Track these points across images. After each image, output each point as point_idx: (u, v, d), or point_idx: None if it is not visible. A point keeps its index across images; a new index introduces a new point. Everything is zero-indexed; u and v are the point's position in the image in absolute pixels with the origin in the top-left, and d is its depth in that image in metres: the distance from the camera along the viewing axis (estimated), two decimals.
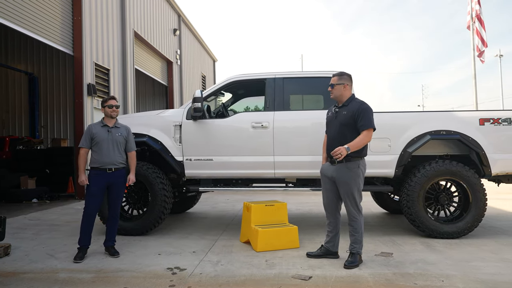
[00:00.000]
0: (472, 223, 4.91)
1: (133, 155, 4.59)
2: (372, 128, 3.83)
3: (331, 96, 4.06)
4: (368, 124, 3.81)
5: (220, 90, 5.55)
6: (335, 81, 3.99)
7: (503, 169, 4.98)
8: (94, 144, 4.30)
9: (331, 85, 4.02)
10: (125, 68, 11.83)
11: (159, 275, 3.66)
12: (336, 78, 4.00)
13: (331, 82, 4.02)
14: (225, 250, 4.53)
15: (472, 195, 4.91)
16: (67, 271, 3.83)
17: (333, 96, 4.03)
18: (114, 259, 4.18)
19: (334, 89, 3.98)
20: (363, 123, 3.80)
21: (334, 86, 3.98)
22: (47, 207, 8.15)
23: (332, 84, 4.01)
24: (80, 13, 9.47)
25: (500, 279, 3.47)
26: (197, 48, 20.95)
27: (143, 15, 13.37)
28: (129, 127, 4.64)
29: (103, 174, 4.27)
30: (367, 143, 3.87)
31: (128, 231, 5.20)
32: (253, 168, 5.16)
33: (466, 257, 4.13)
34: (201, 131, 5.22)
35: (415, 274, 3.61)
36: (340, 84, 3.96)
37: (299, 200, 8.75)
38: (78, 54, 9.47)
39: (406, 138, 4.96)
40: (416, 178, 4.91)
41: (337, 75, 4.02)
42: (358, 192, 3.90)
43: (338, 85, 3.96)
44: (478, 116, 5.00)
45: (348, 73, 4.07)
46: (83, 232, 4.25)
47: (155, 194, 5.13)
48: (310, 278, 3.53)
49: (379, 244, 4.73)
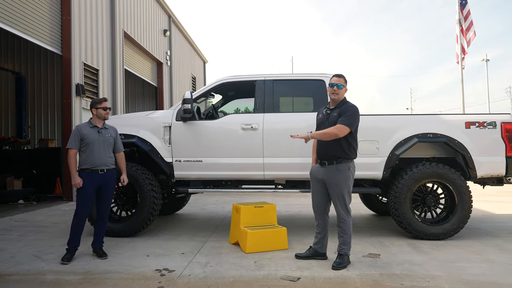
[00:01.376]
0: (458, 225, 4.99)
1: (122, 156, 4.58)
2: (347, 127, 3.80)
3: (332, 96, 3.98)
4: (344, 121, 3.79)
5: (210, 91, 5.56)
6: (342, 82, 3.95)
7: (488, 172, 5.08)
8: (85, 145, 4.25)
9: (337, 85, 3.94)
10: (115, 69, 11.74)
11: (148, 277, 3.64)
12: (341, 79, 3.97)
13: (338, 83, 3.94)
14: (214, 251, 4.53)
15: (458, 197, 4.99)
16: (54, 273, 3.79)
17: (337, 97, 3.95)
18: (102, 261, 4.15)
19: (340, 91, 3.94)
20: (342, 119, 3.82)
21: (341, 86, 3.94)
22: (34, 208, 8.05)
23: (339, 85, 3.94)
24: (69, 12, 9.38)
25: (484, 279, 3.54)
26: (188, 49, 20.90)
27: (133, 16, 13.30)
28: (116, 128, 4.63)
29: (95, 176, 4.24)
30: (334, 137, 3.81)
31: (116, 232, 5.17)
32: (243, 169, 5.18)
33: (451, 258, 4.20)
34: (191, 132, 5.22)
35: (402, 275, 3.66)
36: (344, 87, 3.96)
37: (288, 201, 8.78)
38: (66, 54, 9.37)
39: (394, 140, 5.02)
40: (404, 180, 4.98)
41: (341, 76, 3.99)
42: (348, 194, 3.93)
43: (343, 88, 3.95)
44: (464, 120, 5.09)
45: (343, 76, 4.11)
46: (74, 234, 4.21)
47: (144, 195, 5.11)
48: (299, 279, 3.55)
49: (367, 245, 4.77)
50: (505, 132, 5.01)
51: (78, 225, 4.23)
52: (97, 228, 4.40)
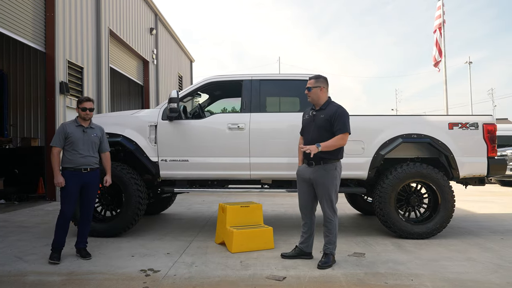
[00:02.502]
0: (441, 224, 5.08)
1: (107, 156, 4.52)
2: (347, 132, 3.89)
3: (309, 99, 4.10)
4: (343, 129, 3.87)
5: (196, 90, 5.54)
6: (312, 84, 4.04)
7: (470, 172, 5.18)
8: (69, 144, 4.18)
9: (307, 88, 4.07)
10: (100, 67, 11.59)
11: (132, 277, 3.61)
12: (312, 81, 4.05)
13: (308, 85, 4.07)
14: (200, 251, 4.51)
15: (441, 197, 5.08)
16: (36, 273, 3.73)
17: (311, 99, 4.07)
18: (86, 261, 4.09)
19: (311, 92, 4.03)
20: (339, 127, 3.87)
21: (311, 89, 4.03)
22: (16, 208, 7.89)
23: (309, 87, 4.05)
24: (53, 9, 9.22)
25: (466, 277, 3.61)
26: (174, 48, 20.76)
27: (119, 13, 13.15)
28: (103, 128, 4.56)
29: (79, 175, 4.18)
30: (341, 146, 3.92)
31: (100, 232, 5.10)
32: (229, 169, 5.17)
33: (434, 257, 4.27)
34: (177, 131, 5.19)
35: (386, 274, 3.70)
36: (316, 87, 4.02)
37: (274, 201, 8.80)
38: (50, 51, 9.21)
39: (379, 141, 5.08)
40: (388, 180, 5.04)
41: (313, 78, 4.08)
42: (334, 193, 3.96)
43: (315, 88, 4.02)
44: (447, 121, 5.18)
45: (324, 76, 4.14)
46: (59, 234, 4.14)
47: (129, 195, 5.05)
48: (284, 279, 3.56)
49: (352, 244, 4.82)
50: (487, 133, 5.12)
51: (63, 225, 4.16)
52: (80, 228, 4.34)
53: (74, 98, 10.43)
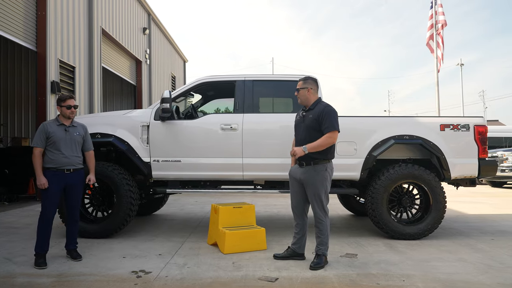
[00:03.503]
0: (433, 225, 5.11)
1: (91, 154, 4.40)
2: (335, 130, 3.88)
3: (298, 101, 4.14)
4: (331, 126, 3.86)
5: (189, 91, 5.51)
6: (300, 85, 4.08)
7: (462, 173, 5.22)
8: (51, 144, 4.05)
9: (296, 89, 4.11)
10: (92, 66, 11.51)
11: (123, 279, 3.58)
12: (301, 82, 4.10)
13: (297, 87, 4.12)
14: (192, 252, 4.49)
15: (433, 198, 5.11)
16: (25, 275, 3.68)
17: (300, 100, 4.11)
18: (76, 263, 4.05)
19: (300, 94, 4.07)
20: (327, 125, 3.87)
21: (299, 90, 4.08)
22: (5, 209, 7.79)
23: (297, 89, 4.10)
24: (45, 7, 9.14)
25: (457, 278, 3.63)
26: (167, 48, 20.68)
27: (111, 12, 13.06)
28: (85, 126, 4.44)
29: (61, 175, 4.06)
30: (330, 145, 3.90)
31: (91, 233, 5.05)
32: (222, 170, 5.15)
33: (426, 258, 4.29)
34: (170, 132, 5.16)
35: (378, 275, 3.71)
36: (304, 88, 4.05)
37: (267, 202, 8.80)
38: (41, 50, 9.12)
39: (372, 142, 5.10)
40: (381, 181, 5.06)
41: (302, 79, 4.12)
42: (325, 194, 3.96)
43: (303, 89, 4.05)
44: (439, 122, 5.21)
45: (313, 77, 4.17)
46: (41, 237, 4.01)
47: (120, 196, 5.01)
48: (277, 280, 3.55)
49: (345, 245, 4.83)
50: (478, 134, 5.16)
51: (45, 227, 4.03)
52: (69, 229, 4.25)
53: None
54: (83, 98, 11.24)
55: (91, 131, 5.14)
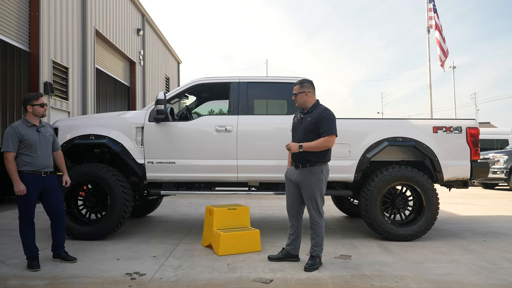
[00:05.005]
0: (426, 226, 5.15)
1: (60, 154, 4.29)
2: (333, 134, 3.91)
3: (296, 104, 4.14)
4: (329, 131, 3.89)
5: (184, 92, 5.51)
6: (297, 90, 4.08)
7: (454, 175, 5.26)
8: (25, 147, 3.88)
9: (293, 94, 4.11)
10: (85, 67, 11.45)
11: (117, 281, 3.56)
12: (297, 87, 4.10)
13: (294, 92, 4.11)
14: (187, 254, 4.48)
15: (426, 199, 5.15)
16: (18, 277, 3.65)
17: (298, 104, 4.11)
18: (70, 265, 4.02)
19: (297, 98, 4.08)
20: (325, 129, 3.89)
21: (296, 95, 4.08)
22: None
23: (294, 93, 4.10)
24: (38, 8, 9.09)
25: (449, 279, 3.66)
26: (161, 49, 20.64)
27: (105, 13, 13.02)
28: (50, 124, 4.36)
29: (39, 178, 3.93)
30: (326, 148, 3.93)
31: (85, 235, 5.02)
32: (216, 171, 5.15)
33: (419, 259, 4.32)
34: (164, 133, 5.15)
35: (372, 276, 3.74)
36: (302, 93, 4.05)
37: (261, 204, 8.80)
38: (34, 50, 9.06)
39: (365, 144, 5.13)
40: (374, 183, 5.09)
41: (298, 83, 4.12)
42: (320, 196, 3.98)
43: (300, 93, 4.06)
44: (432, 124, 5.26)
45: (309, 80, 4.17)
46: (27, 241, 3.92)
47: (114, 198, 4.99)
48: (271, 281, 3.56)
49: (339, 247, 4.85)
50: (470, 136, 5.21)
51: (29, 232, 3.94)
52: (55, 234, 4.11)
53: (59, 99, 10.28)
54: (76, 99, 11.17)
55: (85, 132, 5.14)
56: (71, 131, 5.19)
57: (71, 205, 5.20)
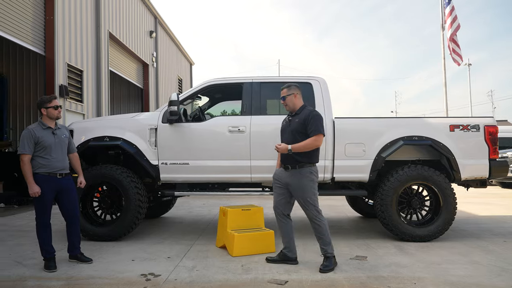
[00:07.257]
0: (443, 227, 5.05)
1: (76, 156, 4.33)
2: (321, 133, 3.90)
3: (286, 108, 4.15)
4: (316, 130, 3.88)
5: (197, 93, 5.52)
6: (286, 92, 4.10)
7: (472, 174, 5.15)
8: (41, 150, 3.93)
9: (282, 97, 4.11)
10: (99, 70, 11.59)
11: (133, 282, 3.58)
12: (285, 90, 4.11)
13: (282, 95, 4.12)
14: (201, 255, 4.48)
15: (443, 199, 5.05)
16: (35, 278, 3.70)
17: (287, 107, 4.12)
18: (86, 266, 4.06)
19: (287, 100, 4.09)
20: (312, 129, 3.89)
21: (285, 97, 4.08)
22: (15, 212, 7.85)
23: (283, 97, 4.10)
24: (53, 12, 9.24)
25: (469, 281, 3.58)
26: (174, 50, 20.78)
27: (118, 17, 13.16)
28: (66, 127, 4.39)
29: (54, 180, 3.97)
30: (315, 148, 3.91)
31: (100, 236, 5.07)
32: (230, 172, 5.14)
33: (437, 260, 4.24)
34: (177, 134, 5.17)
35: (389, 277, 3.68)
36: (290, 95, 4.06)
37: None
38: (50, 54, 9.21)
39: (380, 143, 5.06)
40: (390, 183, 5.01)
41: (286, 87, 4.13)
42: (314, 195, 3.96)
43: (289, 96, 4.07)
44: (448, 123, 5.16)
45: (295, 83, 4.20)
46: (44, 243, 3.97)
47: (129, 199, 5.02)
48: (286, 283, 3.53)
49: (354, 247, 4.79)
50: (488, 135, 5.10)
51: (45, 233, 3.99)
52: (70, 236, 4.16)
53: (74, 102, 10.42)
54: (91, 101, 11.31)
55: (100, 134, 5.19)
56: (86, 133, 5.24)
57: (86, 206, 5.26)
